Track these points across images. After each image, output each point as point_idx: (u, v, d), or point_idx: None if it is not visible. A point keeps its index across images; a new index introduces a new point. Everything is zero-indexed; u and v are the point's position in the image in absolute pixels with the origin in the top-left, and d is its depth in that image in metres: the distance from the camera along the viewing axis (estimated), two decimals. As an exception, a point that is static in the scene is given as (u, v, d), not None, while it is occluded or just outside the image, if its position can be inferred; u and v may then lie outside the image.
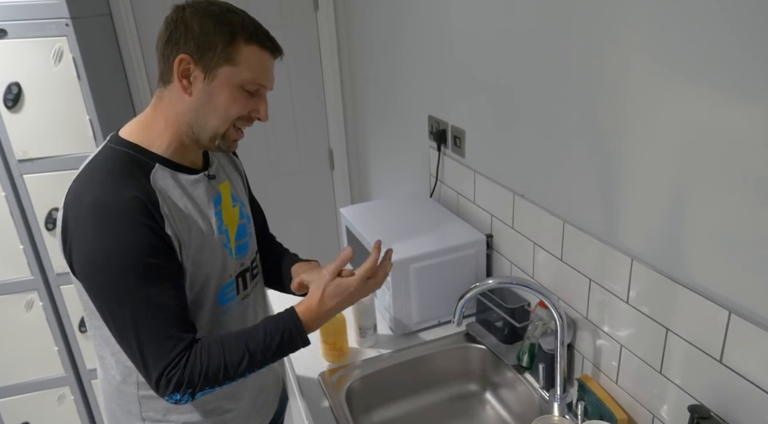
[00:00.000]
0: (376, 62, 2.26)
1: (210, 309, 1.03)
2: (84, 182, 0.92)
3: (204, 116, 0.95)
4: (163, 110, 0.96)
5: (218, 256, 1.03)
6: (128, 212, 0.88)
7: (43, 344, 2.20)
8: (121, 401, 1.04)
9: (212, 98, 0.93)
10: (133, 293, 0.88)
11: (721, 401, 0.91)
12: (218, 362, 0.92)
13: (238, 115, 0.96)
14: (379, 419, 1.39)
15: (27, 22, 1.84)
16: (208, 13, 0.91)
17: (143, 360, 0.90)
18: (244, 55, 0.92)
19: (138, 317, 0.88)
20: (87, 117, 1.97)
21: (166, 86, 0.95)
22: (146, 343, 0.89)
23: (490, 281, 1.10)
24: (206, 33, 0.90)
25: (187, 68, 0.92)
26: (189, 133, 0.97)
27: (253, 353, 0.94)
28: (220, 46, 0.91)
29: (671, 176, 0.93)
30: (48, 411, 2.30)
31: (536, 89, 1.24)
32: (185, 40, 0.90)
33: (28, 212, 2.02)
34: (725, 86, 0.81)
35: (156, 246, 0.90)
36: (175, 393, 0.90)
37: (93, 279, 0.89)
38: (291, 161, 2.83)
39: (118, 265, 0.87)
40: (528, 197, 1.35)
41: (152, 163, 0.95)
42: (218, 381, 0.93)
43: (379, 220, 1.61)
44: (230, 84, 0.93)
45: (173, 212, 0.94)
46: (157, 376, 0.89)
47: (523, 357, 1.32)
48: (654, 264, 1.00)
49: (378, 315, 1.50)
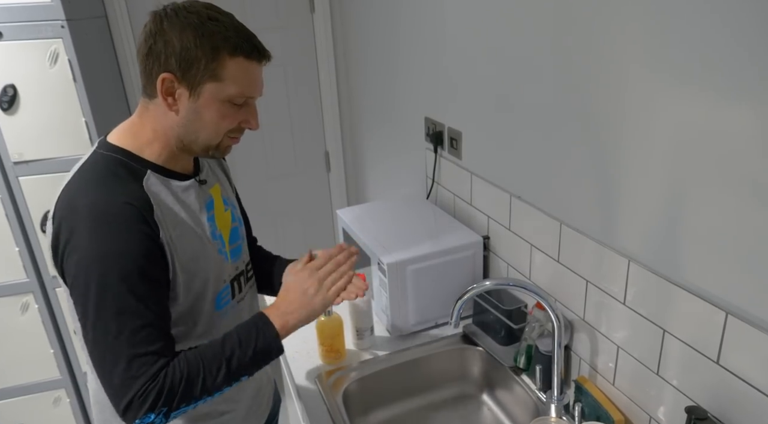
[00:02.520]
0: (373, 64, 2.27)
1: (207, 314, 1.02)
2: (76, 188, 0.89)
3: (194, 132, 0.94)
4: (150, 122, 0.95)
5: (213, 263, 1.02)
6: (123, 217, 0.86)
7: (39, 346, 2.18)
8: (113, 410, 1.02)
9: (200, 116, 0.92)
10: (122, 301, 0.84)
11: (718, 403, 0.91)
12: (197, 372, 0.88)
13: (228, 129, 0.95)
14: (376, 420, 1.39)
15: (22, 24, 1.83)
16: (189, 25, 0.87)
17: (119, 376, 0.84)
18: (230, 70, 0.89)
19: (123, 328, 0.84)
20: (83, 119, 1.96)
21: (150, 99, 0.93)
22: (127, 356, 0.84)
23: (487, 283, 1.10)
24: (187, 49, 0.86)
25: (171, 87, 0.89)
26: (179, 144, 0.96)
27: (229, 359, 0.91)
28: (203, 62, 0.87)
29: (667, 178, 0.93)
30: (43, 414, 2.29)
31: (533, 91, 1.25)
32: (166, 57, 0.87)
33: (23, 214, 2.01)
34: (720, 89, 0.81)
35: (150, 253, 0.88)
36: (149, 413, 0.85)
37: (83, 285, 0.85)
38: (287, 163, 2.83)
39: (112, 270, 0.84)
40: (525, 199, 1.35)
41: (144, 169, 0.93)
42: (195, 395, 0.89)
43: (375, 222, 1.61)
44: (217, 100, 0.91)
45: (167, 218, 0.93)
46: (133, 393, 0.84)
47: (520, 359, 1.32)
48: (651, 265, 1.00)
49: (375, 317, 1.50)
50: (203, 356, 0.90)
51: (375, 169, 2.52)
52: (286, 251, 1.34)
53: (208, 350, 0.92)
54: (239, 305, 1.11)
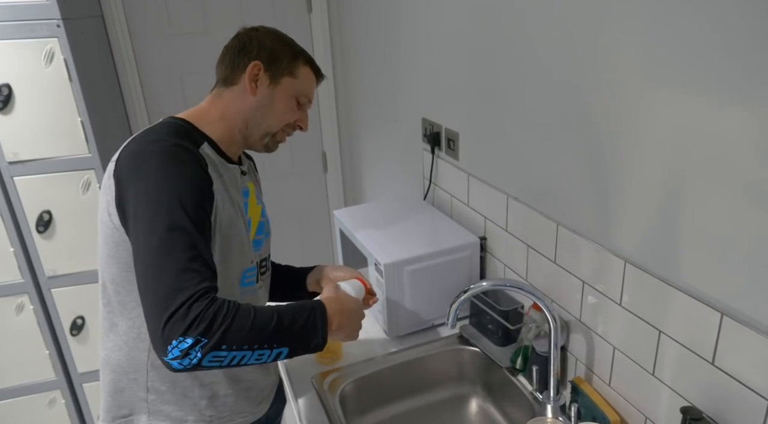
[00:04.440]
0: (370, 64, 2.27)
1: (232, 286, 1.06)
2: (143, 139, 0.97)
3: (262, 116, 1.08)
4: (221, 105, 1.08)
5: (242, 236, 1.07)
6: (188, 158, 0.95)
7: (34, 347, 2.18)
8: (129, 368, 1.04)
9: (272, 102, 1.08)
10: (176, 218, 0.88)
11: (713, 403, 0.91)
12: (246, 317, 0.88)
13: (289, 121, 1.12)
14: (373, 421, 1.39)
15: (18, 23, 1.83)
16: (278, 35, 1.11)
17: (165, 287, 0.84)
18: (303, 73, 1.11)
19: (174, 243, 0.87)
20: (78, 119, 1.96)
21: (228, 87, 1.08)
22: (176, 269, 0.85)
23: (484, 284, 1.11)
24: (276, 49, 1.08)
25: (257, 73, 1.06)
26: (242, 128, 1.08)
27: (279, 321, 0.91)
28: (286, 60, 1.08)
29: (663, 179, 0.94)
30: (38, 415, 2.29)
31: (530, 93, 1.25)
32: (258, 51, 1.07)
33: (18, 215, 2.00)
34: (715, 90, 0.82)
35: (205, 191, 0.95)
36: (187, 337, 0.81)
37: (144, 203, 0.89)
38: (284, 164, 2.83)
39: (172, 191, 0.89)
40: (522, 200, 1.35)
41: (202, 139, 1.03)
42: (238, 340, 0.85)
43: (372, 222, 1.61)
44: (289, 93, 1.09)
45: (215, 179, 0.99)
46: (177, 306, 0.82)
47: (517, 359, 1.32)
48: (647, 266, 1.01)
49: (372, 318, 1.50)
50: (254, 307, 0.91)
51: (372, 170, 2.52)
52: (283, 251, 1.34)
53: (261, 307, 0.92)
54: (256, 292, 1.15)
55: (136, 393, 1.05)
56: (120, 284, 1.00)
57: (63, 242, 2.07)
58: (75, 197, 2.02)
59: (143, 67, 2.45)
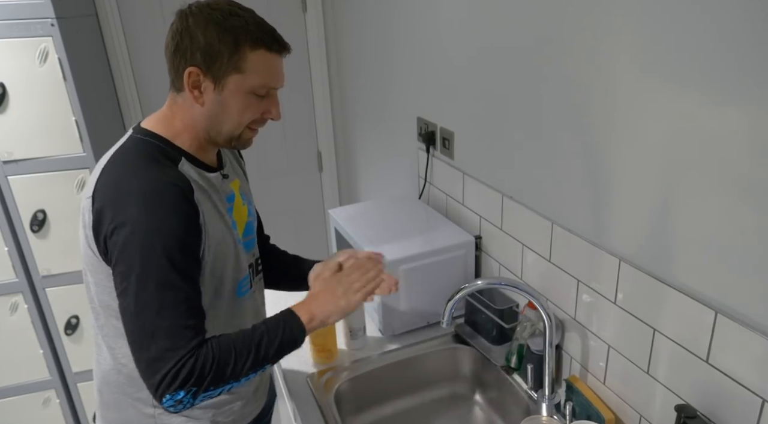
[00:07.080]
0: (365, 63, 2.26)
1: (228, 301, 1.05)
2: (118, 170, 0.92)
3: (218, 124, 0.98)
4: (179, 113, 0.99)
5: (233, 251, 1.05)
6: (170, 196, 0.89)
7: (28, 347, 2.17)
8: (131, 389, 1.03)
9: (224, 107, 0.96)
10: (165, 275, 0.87)
11: (708, 401, 0.91)
12: (228, 355, 0.90)
13: (251, 119, 1.00)
14: (368, 420, 1.39)
15: (12, 21, 1.82)
16: (211, 20, 0.92)
17: (157, 348, 0.86)
18: (251, 62, 0.94)
19: (164, 301, 0.87)
20: (73, 118, 1.95)
21: (178, 93, 0.98)
22: (167, 329, 0.87)
23: (479, 282, 1.11)
24: (211, 43, 0.92)
25: (197, 80, 0.94)
26: (205, 136, 1.00)
27: (258, 345, 0.93)
28: (226, 55, 0.92)
29: (658, 178, 0.94)
30: (33, 415, 2.28)
31: (525, 91, 1.25)
32: (191, 52, 0.92)
33: (12, 214, 1.99)
34: (710, 89, 0.82)
35: (191, 231, 0.92)
36: (180, 390, 0.86)
37: (129, 257, 0.87)
38: (279, 163, 2.82)
39: (158, 245, 0.87)
40: (517, 199, 1.35)
41: (179, 156, 0.98)
42: (224, 379, 0.90)
43: (367, 221, 1.61)
44: (240, 91, 0.96)
45: (201, 202, 0.96)
46: (169, 367, 0.85)
47: (512, 358, 1.32)
48: (641, 265, 1.01)
49: (367, 317, 1.50)
50: (234, 341, 0.92)
51: (367, 169, 2.52)
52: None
53: (239, 336, 0.94)
54: (253, 296, 1.15)
55: (142, 410, 1.05)
56: (115, 309, 0.94)
57: (57, 241, 2.06)
58: (69, 197, 2.01)
59: (137, 66, 2.44)
